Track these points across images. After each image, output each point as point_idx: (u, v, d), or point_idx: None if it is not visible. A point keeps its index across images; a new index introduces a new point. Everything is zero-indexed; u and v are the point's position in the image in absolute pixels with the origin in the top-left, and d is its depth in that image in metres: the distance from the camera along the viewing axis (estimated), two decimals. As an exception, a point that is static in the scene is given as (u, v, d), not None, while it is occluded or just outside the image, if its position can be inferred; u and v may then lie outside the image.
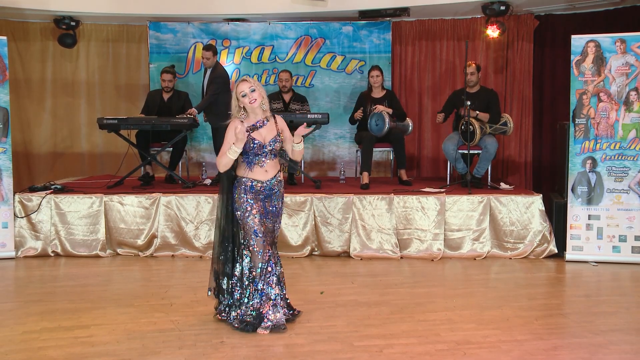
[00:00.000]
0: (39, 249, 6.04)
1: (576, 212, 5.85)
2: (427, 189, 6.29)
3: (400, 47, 8.52)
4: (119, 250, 6.09)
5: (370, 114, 6.89)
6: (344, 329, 3.93)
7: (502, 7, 7.59)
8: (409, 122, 7.19)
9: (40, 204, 6.02)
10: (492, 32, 7.81)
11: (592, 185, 5.83)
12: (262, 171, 3.89)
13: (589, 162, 5.83)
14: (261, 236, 3.84)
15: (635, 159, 5.75)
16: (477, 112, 6.54)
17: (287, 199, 5.97)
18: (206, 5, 8.07)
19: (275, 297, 3.85)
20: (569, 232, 5.87)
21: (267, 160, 3.90)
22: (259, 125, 3.89)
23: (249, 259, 3.89)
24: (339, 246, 6.03)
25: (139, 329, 3.93)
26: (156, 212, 6.07)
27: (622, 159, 5.77)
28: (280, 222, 4.07)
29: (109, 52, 8.80)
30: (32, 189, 6.31)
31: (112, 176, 7.08)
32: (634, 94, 5.74)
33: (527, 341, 3.71)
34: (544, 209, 6.00)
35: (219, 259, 3.96)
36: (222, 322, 3.98)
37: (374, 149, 6.98)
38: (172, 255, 6.06)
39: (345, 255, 6.04)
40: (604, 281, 5.29)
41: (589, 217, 5.83)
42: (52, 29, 8.49)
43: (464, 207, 6.01)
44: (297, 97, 7.40)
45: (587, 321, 4.09)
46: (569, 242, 5.87)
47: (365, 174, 6.69)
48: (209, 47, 7.01)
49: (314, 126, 6.79)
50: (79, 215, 6.04)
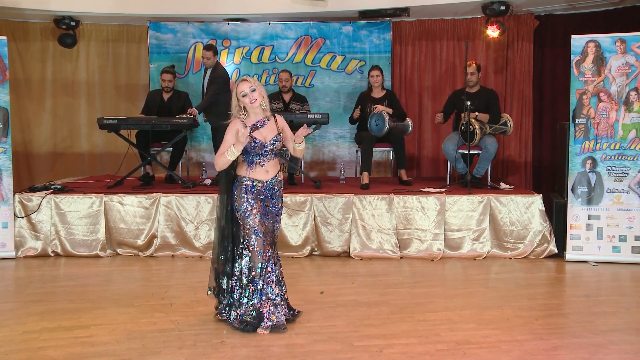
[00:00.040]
0: (39, 249, 6.04)
1: (576, 212, 5.85)
2: (427, 189, 6.29)
3: (400, 47, 8.52)
4: (119, 250, 6.09)
5: (370, 114, 6.89)
6: (344, 329, 3.93)
7: (502, 7, 7.59)
8: (409, 122, 7.19)
9: (40, 204, 6.02)
10: (492, 32, 7.81)
11: (592, 185, 5.83)
12: (263, 171, 3.90)
13: (589, 162, 5.83)
14: (261, 236, 3.84)
15: (635, 159, 5.75)
16: (476, 114, 6.54)
17: (287, 199, 5.98)
18: (206, 5, 8.07)
19: (275, 297, 3.86)
20: (569, 232, 5.87)
21: (268, 159, 3.90)
22: (260, 124, 3.89)
23: (248, 259, 3.89)
24: (339, 246, 6.04)
25: (139, 329, 3.93)
26: (156, 212, 6.07)
27: (622, 159, 5.77)
28: (279, 222, 4.08)
29: (109, 52, 8.80)
30: (32, 189, 6.30)
31: (112, 176, 7.08)
32: (634, 94, 5.74)
33: (527, 341, 3.71)
34: (544, 209, 6.00)
35: (219, 259, 3.96)
36: (222, 322, 3.98)
37: (374, 149, 6.97)
38: (172, 255, 6.06)
39: (345, 255, 6.04)
40: (604, 281, 5.29)
41: (589, 217, 5.83)
42: (52, 29, 8.49)
43: (464, 207, 6.01)
44: (297, 97, 7.40)
45: (587, 321, 4.09)
46: (569, 242, 5.87)
47: (365, 174, 6.69)
48: (209, 47, 7.01)
49: (314, 126, 6.79)
50: (79, 215, 6.04)
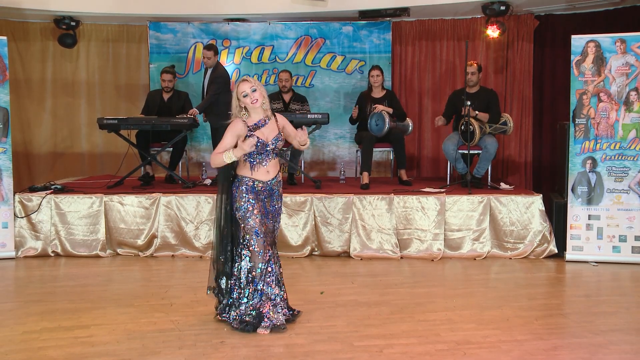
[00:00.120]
0: (39, 249, 6.04)
1: (576, 212, 5.85)
2: (427, 189, 6.29)
3: (400, 47, 8.52)
4: (119, 250, 6.09)
5: (370, 114, 6.89)
6: (344, 329, 3.93)
7: (502, 7, 7.60)
8: (409, 122, 7.19)
9: (40, 204, 6.02)
10: (492, 32, 7.81)
11: (592, 185, 5.83)
12: (264, 171, 3.90)
13: (589, 162, 5.83)
14: (262, 236, 3.84)
15: (635, 159, 5.75)
16: (476, 112, 6.54)
17: (287, 199, 5.98)
18: (206, 5, 8.08)
19: (275, 297, 3.86)
20: (569, 232, 5.87)
21: (270, 159, 3.91)
22: (261, 124, 3.90)
23: (248, 259, 3.89)
24: (339, 246, 6.03)
25: (139, 329, 3.93)
26: (156, 212, 6.07)
27: (622, 159, 5.77)
28: (279, 222, 4.08)
29: (109, 52, 8.80)
30: (32, 189, 6.30)
31: (112, 176, 7.08)
32: (634, 94, 5.74)
33: (527, 341, 3.71)
34: (544, 209, 5.99)
35: (218, 259, 3.96)
36: (222, 322, 3.98)
37: (374, 149, 6.97)
38: (172, 255, 6.06)
39: (345, 255, 6.04)
40: (604, 281, 5.29)
41: (589, 217, 5.83)
42: (52, 29, 8.50)
43: (464, 207, 6.01)
44: (297, 97, 7.40)
45: (587, 321, 4.09)
46: (569, 242, 5.87)
47: (365, 174, 6.69)
48: (210, 47, 7.02)
49: (314, 126, 6.79)
50: (79, 215, 6.04)
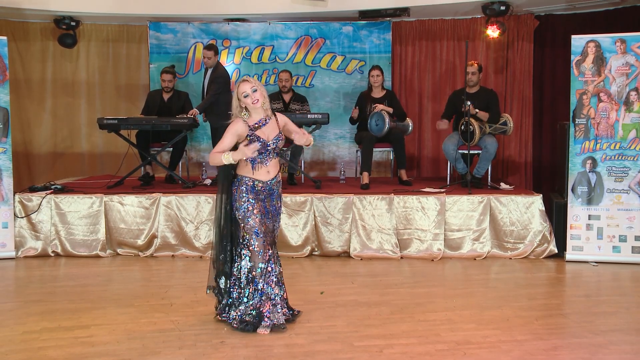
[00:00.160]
0: (39, 249, 6.04)
1: (576, 212, 5.85)
2: (427, 189, 6.28)
3: (400, 47, 8.52)
4: (119, 250, 6.09)
5: (370, 114, 6.89)
6: (344, 329, 3.93)
7: (502, 7, 7.59)
8: (409, 122, 7.18)
9: (40, 204, 6.02)
10: (492, 32, 7.81)
11: (592, 185, 5.83)
12: (264, 171, 3.90)
13: (589, 162, 5.83)
14: (262, 236, 3.85)
15: (635, 159, 5.75)
16: (476, 110, 6.54)
17: (287, 199, 5.98)
18: (206, 5, 8.07)
19: (275, 296, 3.86)
20: (569, 232, 5.87)
21: (271, 158, 3.91)
22: (262, 123, 3.90)
23: (248, 259, 3.89)
24: (339, 246, 6.03)
25: (139, 329, 3.93)
26: (156, 212, 6.07)
27: (622, 159, 5.77)
28: (279, 222, 4.08)
29: (109, 52, 8.80)
30: (32, 189, 6.30)
31: (112, 176, 7.07)
32: (634, 94, 5.74)
33: (527, 341, 3.71)
34: (544, 209, 5.99)
35: (218, 259, 3.96)
36: (222, 322, 3.98)
37: (374, 149, 6.97)
38: (172, 255, 6.06)
39: (345, 255, 6.04)
40: (604, 281, 5.29)
41: (589, 217, 5.83)
42: (52, 29, 8.49)
43: (464, 207, 6.00)
44: (297, 97, 7.40)
45: (587, 321, 4.09)
46: (569, 242, 5.87)
47: (365, 174, 6.69)
48: (210, 47, 7.02)
49: (314, 126, 6.79)
50: (79, 215, 6.04)
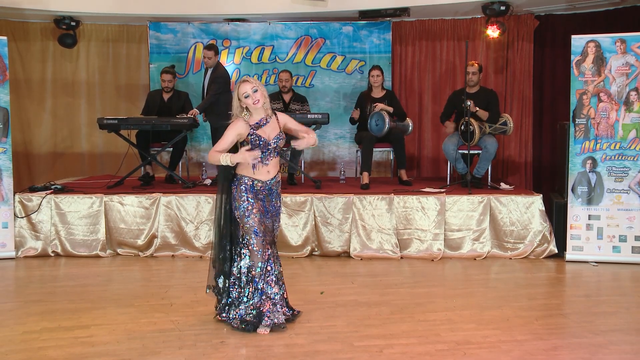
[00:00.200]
0: (39, 249, 6.04)
1: (576, 212, 5.85)
2: (427, 189, 6.29)
3: (400, 47, 8.52)
4: (119, 250, 6.09)
5: (370, 114, 6.89)
6: (344, 329, 3.93)
7: (502, 7, 7.59)
8: (409, 122, 7.18)
9: (40, 204, 6.02)
10: (492, 32, 7.81)
11: (592, 185, 5.83)
12: (265, 171, 3.90)
13: (589, 162, 5.83)
14: (261, 235, 3.85)
15: (635, 159, 5.75)
16: (477, 108, 6.54)
17: (287, 199, 5.98)
18: (206, 5, 8.07)
19: (274, 296, 3.86)
20: (569, 232, 5.87)
21: (272, 157, 3.91)
22: (263, 123, 3.90)
23: (248, 258, 3.89)
24: (339, 246, 6.03)
25: (139, 329, 3.93)
26: (156, 212, 6.07)
27: (622, 159, 5.77)
28: (279, 222, 4.08)
29: (109, 52, 8.80)
30: (32, 189, 6.30)
31: (112, 176, 7.07)
32: (634, 94, 5.74)
33: (527, 341, 3.71)
34: (544, 209, 5.99)
35: (218, 258, 3.96)
36: (222, 322, 3.98)
37: (374, 149, 6.97)
38: (172, 255, 6.06)
39: (345, 255, 6.04)
40: (604, 281, 5.29)
41: (589, 217, 5.83)
42: (52, 29, 8.49)
43: (464, 207, 6.00)
44: (297, 97, 7.40)
45: (587, 321, 4.09)
46: (569, 242, 5.86)
47: (365, 174, 6.69)
48: (210, 47, 7.02)
49: (314, 126, 6.79)
50: (79, 215, 6.04)
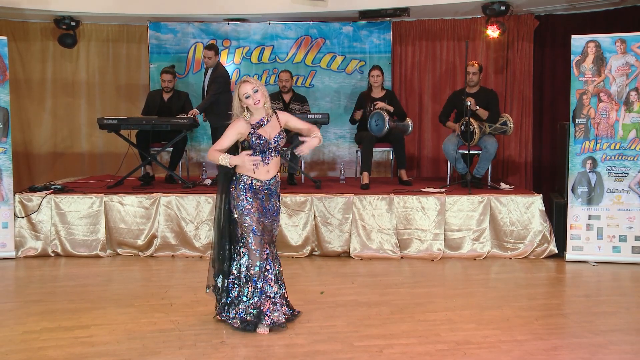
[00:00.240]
0: (39, 249, 6.04)
1: (576, 212, 5.85)
2: (427, 189, 6.29)
3: (400, 47, 8.52)
4: (119, 250, 6.09)
5: (370, 114, 6.89)
6: (344, 329, 3.93)
7: (502, 7, 7.59)
8: (409, 122, 7.19)
9: (40, 204, 6.02)
10: (492, 32, 7.81)
11: (592, 185, 5.83)
12: (265, 170, 3.90)
13: (589, 162, 5.83)
14: (259, 235, 3.85)
15: (635, 159, 5.75)
16: (477, 107, 6.54)
17: (287, 199, 5.98)
18: (206, 5, 8.07)
19: (274, 295, 3.86)
20: (569, 232, 5.87)
21: (272, 157, 3.91)
22: (264, 122, 3.90)
23: (247, 257, 3.89)
24: (339, 246, 6.03)
25: (139, 329, 3.93)
26: (156, 212, 6.07)
27: (622, 159, 5.77)
28: (278, 221, 4.08)
29: (109, 52, 8.80)
30: (32, 189, 6.30)
31: (112, 176, 7.08)
32: (634, 94, 5.74)
33: (527, 341, 3.71)
34: (544, 209, 5.99)
35: (217, 258, 3.96)
36: (222, 322, 3.98)
37: (374, 149, 6.97)
38: (172, 255, 6.06)
39: (345, 255, 6.04)
40: (604, 281, 5.29)
41: (589, 217, 5.83)
42: (52, 29, 8.49)
43: (464, 207, 6.00)
44: (297, 97, 7.40)
45: (587, 321, 4.09)
46: (569, 242, 5.86)
47: (365, 174, 6.69)
48: (210, 47, 7.02)
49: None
50: (79, 215, 6.04)
